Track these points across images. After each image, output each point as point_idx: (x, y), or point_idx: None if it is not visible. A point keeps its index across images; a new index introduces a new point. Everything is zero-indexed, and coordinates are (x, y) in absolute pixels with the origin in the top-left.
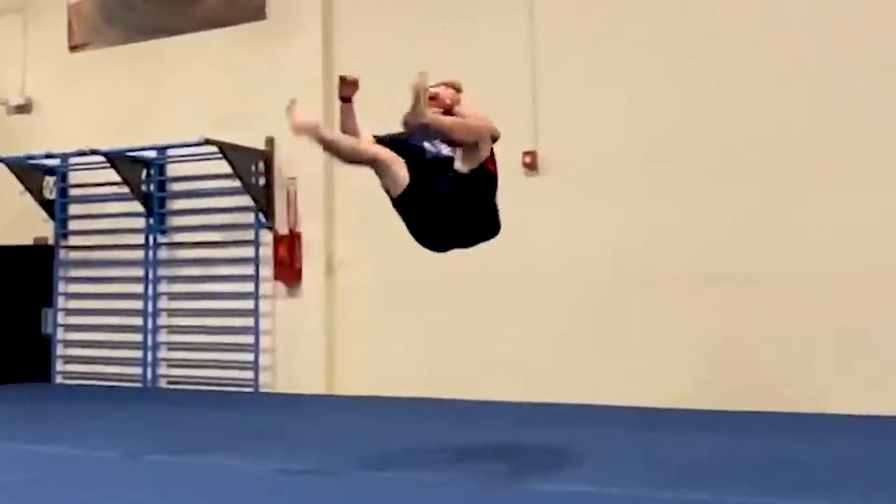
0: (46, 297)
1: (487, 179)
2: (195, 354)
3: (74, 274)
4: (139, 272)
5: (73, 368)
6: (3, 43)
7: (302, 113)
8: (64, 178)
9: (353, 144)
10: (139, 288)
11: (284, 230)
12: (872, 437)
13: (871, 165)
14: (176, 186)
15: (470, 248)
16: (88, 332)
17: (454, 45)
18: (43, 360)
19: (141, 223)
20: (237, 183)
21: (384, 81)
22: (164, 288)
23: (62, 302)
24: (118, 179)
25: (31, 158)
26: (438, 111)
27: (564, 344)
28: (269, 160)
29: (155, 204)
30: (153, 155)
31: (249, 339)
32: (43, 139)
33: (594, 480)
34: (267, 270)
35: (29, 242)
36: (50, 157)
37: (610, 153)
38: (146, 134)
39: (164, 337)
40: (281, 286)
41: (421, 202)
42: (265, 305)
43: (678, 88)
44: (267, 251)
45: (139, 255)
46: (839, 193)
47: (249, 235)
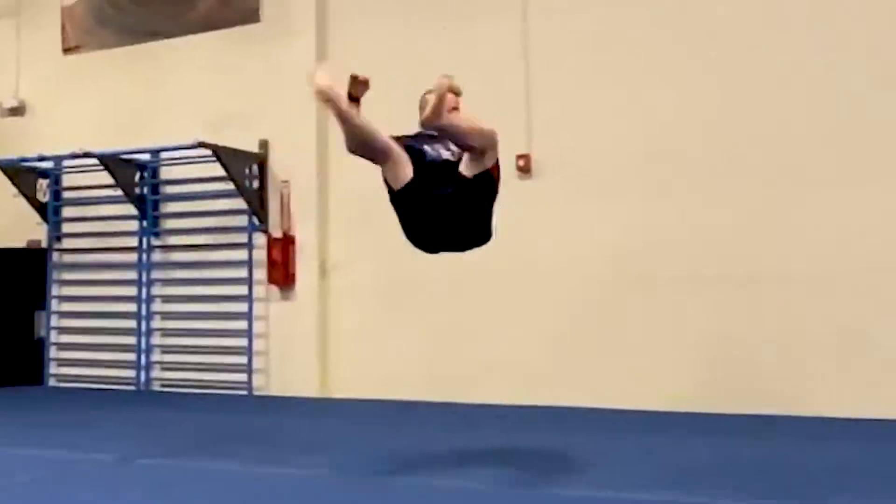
0: (40, 300)
1: (490, 186)
2: (189, 357)
3: (68, 277)
4: (133, 275)
5: (66, 371)
6: None
7: (325, 76)
8: (57, 180)
9: (369, 125)
10: (133, 291)
11: (278, 233)
12: (873, 439)
13: (870, 165)
14: (170, 189)
15: (459, 252)
16: (82, 334)
17: (447, 47)
18: (36, 363)
19: (134, 226)
20: (231, 186)
21: (378, 83)
22: (157, 291)
23: (55, 305)
24: (112, 182)
25: (24, 161)
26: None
27: (562, 346)
28: (262, 163)
29: (149, 207)
30: (147, 158)
31: (243, 341)
32: (36, 142)
33: (600, 484)
34: (261, 273)
35: (22, 245)
36: (43, 159)
37: (606, 154)
38: (140, 137)
39: (157, 340)
40: (274, 289)
41: (420, 200)
42: (259, 308)
43: (677, 88)
44: (261, 254)
45: (133, 257)
46: (839, 193)
47: (243, 238)
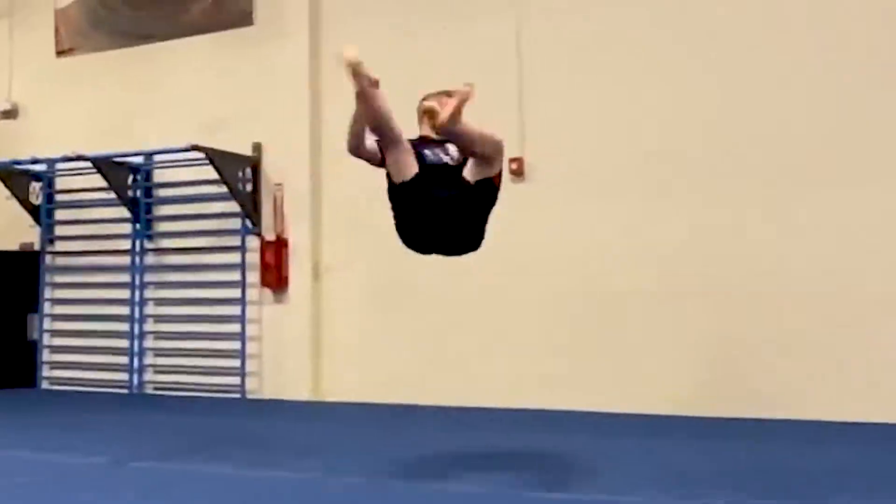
0: (32, 302)
1: (490, 193)
2: (182, 360)
3: (60, 279)
4: (126, 278)
5: (58, 374)
6: None
7: (355, 50)
8: (50, 183)
9: (388, 107)
10: (125, 294)
11: (271, 236)
12: (871, 443)
13: (870, 166)
14: (163, 192)
15: (449, 256)
16: (74, 337)
17: (440, 49)
18: (29, 365)
19: (127, 229)
20: (224, 189)
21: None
22: (150, 294)
23: (48, 307)
24: (105, 185)
25: (17, 164)
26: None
27: (556, 350)
28: (256, 166)
29: (142, 209)
30: (140, 160)
31: (236, 344)
32: (29, 144)
33: (599, 488)
34: (254, 276)
35: (15, 248)
36: (36, 162)
37: (602, 156)
38: (133, 139)
39: (150, 343)
40: (268, 292)
41: (420, 199)
42: (252, 311)
43: (677, 88)
44: (254, 257)
45: (126, 260)
46: (839, 194)
47: (236, 241)
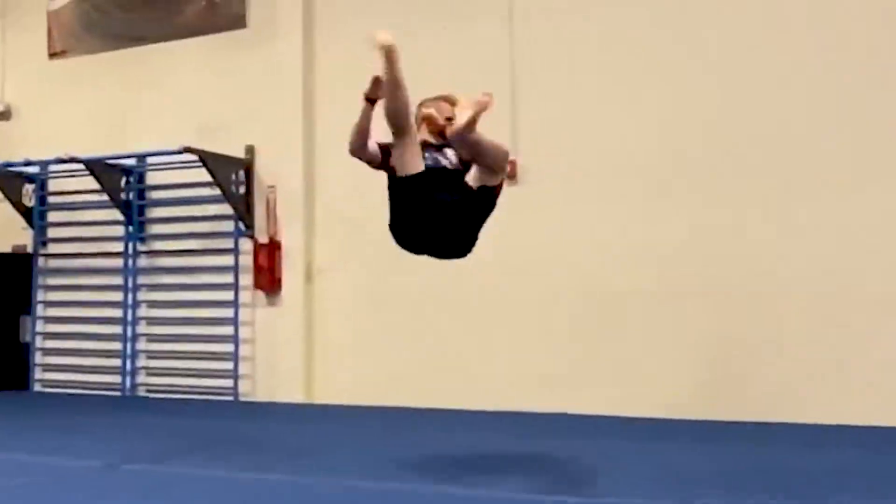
0: (25, 304)
1: (489, 201)
2: (175, 363)
3: (53, 282)
4: (118, 280)
5: (51, 377)
6: None
7: (390, 36)
8: (43, 185)
9: (409, 99)
10: (118, 296)
11: (264, 238)
12: (870, 446)
13: (870, 167)
14: (155, 194)
15: (438, 258)
16: (67, 340)
17: (435, 50)
18: (21, 368)
19: (120, 231)
20: (217, 191)
21: (365, 88)
22: (143, 296)
23: (41, 310)
24: (98, 187)
25: (9, 166)
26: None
27: (554, 352)
28: (249, 168)
29: (134, 212)
30: (133, 163)
31: (229, 347)
32: (22, 146)
33: (599, 492)
34: (247, 279)
35: (7, 250)
36: (29, 164)
37: (602, 156)
38: (126, 142)
39: (143, 345)
40: (261, 295)
41: (421, 196)
42: (245, 314)
43: (677, 88)
44: (247, 259)
45: (118, 263)
46: (839, 194)
47: (229, 244)
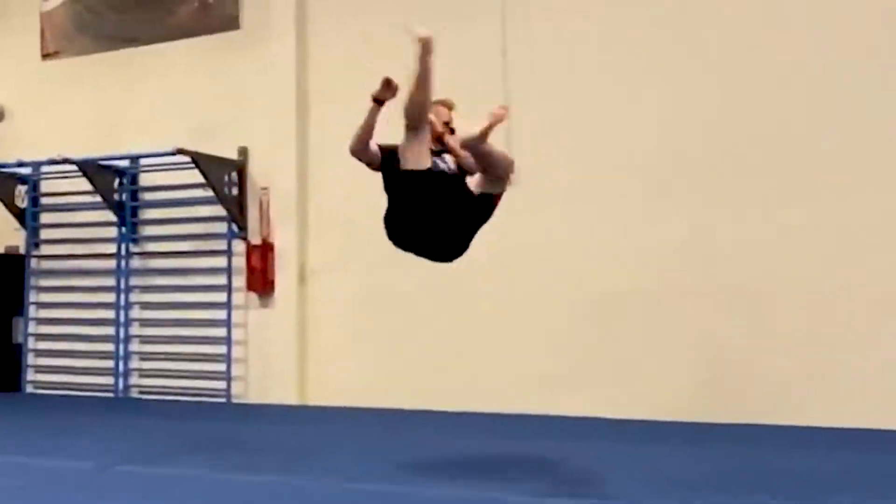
0: (17, 306)
1: (488, 208)
2: (167, 364)
3: (46, 283)
4: (111, 282)
5: (43, 378)
6: None
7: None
8: (36, 186)
9: (432, 95)
10: (111, 297)
11: (257, 240)
12: (868, 449)
13: (871, 166)
14: (148, 196)
15: (427, 258)
16: (60, 341)
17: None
18: (13, 369)
19: (113, 232)
20: (210, 193)
21: (357, 90)
22: (136, 298)
23: (33, 311)
24: (90, 188)
25: (2, 167)
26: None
27: (549, 353)
28: (242, 170)
29: (127, 213)
30: (126, 164)
31: (222, 349)
32: (15, 147)
33: (600, 495)
34: (240, 280)
35: (0, 251)
36: (22, 165)
37: (601, 156)
38: (119, 143)
39: (135, 347)
40: (253, 296)
41: (421, 192)
42: (238, 315)
43: (677, 88)
44: (240, 261)
45: (111, 264)
46: (839, 194)
47: (222, 245)
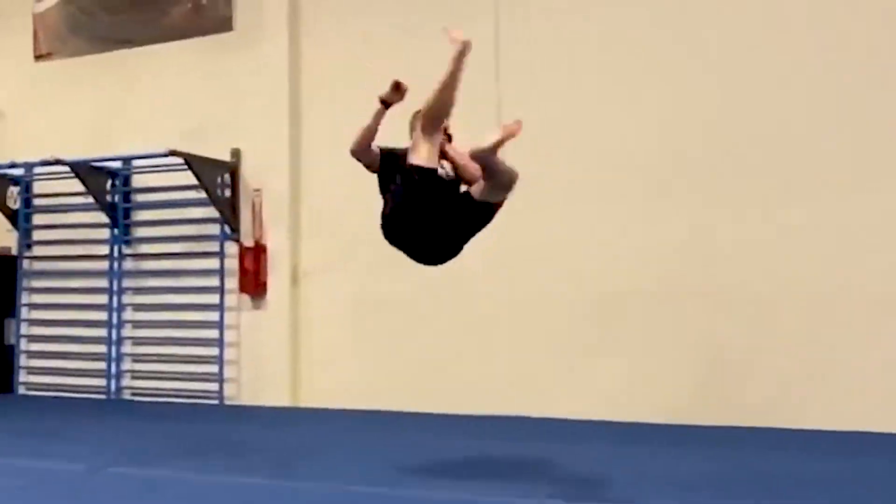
0: (10, 307)
1: (487, 216)
2: (160, 366)
3: (38, 284)
4: (104, 283)
5: (36, 380)
6: None
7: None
8: (28, 188)
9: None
10: (103, 299)
11: (250, 242)
12: (869, 452)
13: (871, 167)
14: (141, 197)
15: (417, 259)
16: (52, 343)
17: (421, 52)
18: (6, 371)
19: (106, 234)
20: (203, 194)
21: (350, 91)
22: (128, 299)
23: (26, 312)
24: (83, 190)
25: None
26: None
27: (540, 358)
28: (234, 172)
29: (120, 215)
30: (118, 166)
31: (214, 351)
32: (7, 149)
33: (602, 497)
34: (232, 282)
35: None
36: (14, 166)
37: (601, 156)
38: (112, 144)
39: (128, 348)
40: (246, 298)
41: (427, 190)
42: (230, 317)
43: (677, 88)
44: (232, 263)
45: (104, 265)
46: (839, 194)
47: (215, 247)
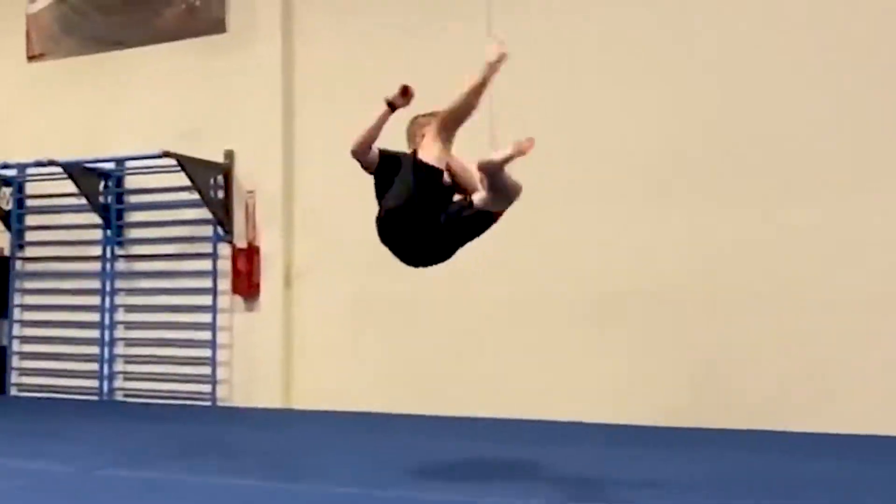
0: (2, 308)
1: (486, 224)
2: (152, 367)
3: (31, 285)
4: (96, 284)
5: (28, 381)
6: None
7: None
8: (21, 188)
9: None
10: (96, 300)
11: (243, 243)
12: (868, 455)
13: (871, 167)
14: (134, 199)
15: (409, 260)
16: (45, 344)
17: (415, 54)
18: None
19: (98, 235)
20: (196, 196)
21: (344, 93)
22: (121, 300)
23: (18, 313)
24: (76, 191)
25: None
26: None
27: (539, 359)
28: (227, 173)
29: (113, 216)
30: (111, 167)
31: (207, 352)
32: (0, 149)
33: (601, 498)
34: (225, 283)
35: None
36: (7, 167)
37: (601, 157)
38: (105, 145)
39: (120, 350)
40: (239, 299)
41: (426, 191)
42: (223, 319)
43: (677, 88)
44: (225, 264)
45: (96, 267)
46: (839, 194)
47: (208, 248)
